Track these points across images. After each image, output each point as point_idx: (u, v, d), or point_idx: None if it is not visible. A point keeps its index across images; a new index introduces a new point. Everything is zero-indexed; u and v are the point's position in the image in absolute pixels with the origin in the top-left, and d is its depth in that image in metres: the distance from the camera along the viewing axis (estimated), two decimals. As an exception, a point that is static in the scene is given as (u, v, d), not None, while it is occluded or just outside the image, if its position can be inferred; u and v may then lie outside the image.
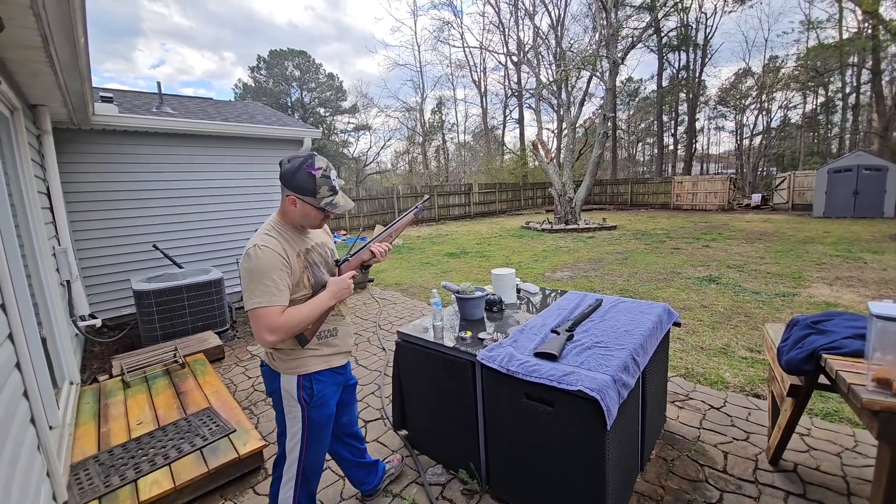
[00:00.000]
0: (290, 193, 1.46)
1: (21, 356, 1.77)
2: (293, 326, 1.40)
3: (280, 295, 1.39)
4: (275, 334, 1.36)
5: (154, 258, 4.93)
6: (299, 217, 1.51)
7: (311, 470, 1.64)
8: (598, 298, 2.50)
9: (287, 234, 1.51)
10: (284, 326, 1.37)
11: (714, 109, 30.60)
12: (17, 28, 1.94)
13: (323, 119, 35.32)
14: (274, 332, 1.36)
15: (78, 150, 4.45)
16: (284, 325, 1.37)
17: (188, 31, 54.10)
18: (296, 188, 1.44)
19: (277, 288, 1.38)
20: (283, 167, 1.47)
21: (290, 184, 1.45)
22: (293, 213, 1.50)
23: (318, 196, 1.45)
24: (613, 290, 5.64)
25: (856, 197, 13.04)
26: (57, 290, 3.13)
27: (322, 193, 1.45)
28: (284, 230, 1.51)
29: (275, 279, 1.38)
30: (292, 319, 1.39)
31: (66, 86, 2.92)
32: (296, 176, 1.44)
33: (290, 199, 1.46)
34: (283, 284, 1.41)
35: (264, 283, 1.37)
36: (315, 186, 1.44)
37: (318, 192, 1.45)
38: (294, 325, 1.40)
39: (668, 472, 2.12)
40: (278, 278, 1.39)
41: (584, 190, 13.96)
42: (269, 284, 1.37)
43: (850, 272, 6.05)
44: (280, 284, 1.40)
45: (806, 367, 1.74)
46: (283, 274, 1.41)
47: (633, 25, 16.35)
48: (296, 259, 1.49)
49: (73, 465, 2.19)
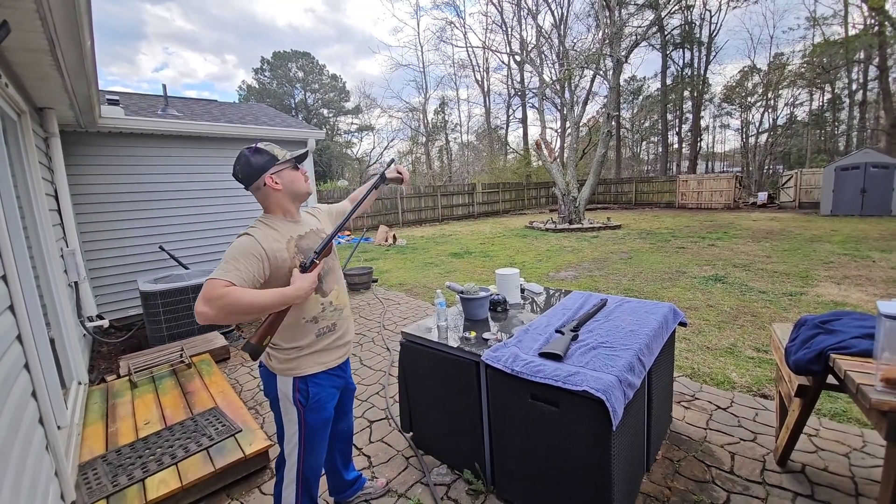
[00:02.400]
0: (264, 176, 1.48)
1: (30, 357, 1.78)
2: (231, 304, 1.24)
3: (234, 273, 1.30)
4: (207, 305, 1.22)
5: (160, 259, 4.97)
6: (287, 192, 1.52)
7: (310, 473, 1.63)
8: (602, 298, 2.49)
9: (276, 224, 1.50)
10: (221, 301, 1.23)
11: (719, 107, 30.40)
12: (23, 32, 1.95)
13: (326, 120, 35.46)
14: (207, 302, 1.22)
15: (85, 152, 4.49)
16: (221, 298, 1.23)
17: (191, 35, 54.65)
18: (261, 168, 1.47)
19: (235, 267, 1.32)
20: (240, 175, 1.50)
21: (256, 171, 1.48)
22: (280, 194, 1.51)
23: (279, 156, 1.50)
24: (618, 289, 5.62)
25: (863, 195, 12.90)
26: (65, 291, 3.16)
27: (279, 153, 1.51)
28: (272, 221, 1.51)
29: (240, 260, 1.34)
30: (233, 297, 1.25)
31: (73, 89, 2.95)
32: (252, 163, 1.47)
33: (268, 180, 1.48)
34: (246, 267, 1.34)
35: (226, 262, 1.33)
36: (270, 153, 1.49)
37: (275, 154, 1.49)
38: (232, 302, 1.24)
39: (674, 473, 2.11)
40: (245, 260, 1.34)
41: (588, 189, 13.91)
42: (229, 262, 1.33)
43: (858, 271, 5.99)
44: (243, 265, 1.33)
45: (814, 367, 1.72)
46: (252, 258, 1.36)
47: (637, 23, 16.26)
48: (286, 245, 1.46)
49: (81, 464, 2.21)
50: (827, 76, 23.21)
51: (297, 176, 1.54)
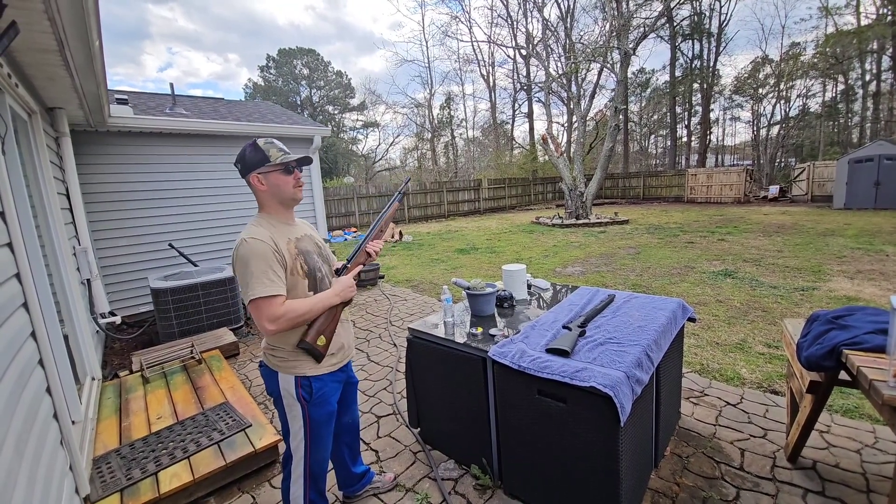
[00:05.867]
0: (250, 174, 1.50)
1: (44, 353, 1.82)
2: (294, 317, 1.41)
3: (275, 284, 1.38)
4: (276, 324, 1.37)
5: (170, 257, 5.03)
6: (272, 194, 1.53)
7: (317, 468, 1.65)
8: (610, 294, 2.48)
9: (273, 224, 1.52)
10: (285, 316, 1.39)
11: (729, 99, 29.93)
12: (32, 32, 1.97)
13: (332, 117, 35.49)
14: (275, 321, 1.37)
15: (95, 151, 4.54)
16: (285, 314, 1.38)
17: (193, 35, 54.93)
18: (251, 166, 1.49)
19: (270, 277, 1.37)
20: (238, 166, 1.52)
21: (247, 167, 1.50)
22: (266, 194, 1.53)
23: (272, 158, 1.49)
24: (626, 285, 5.58)
25: (877, 188, 12.66)
26: (77, 288, 3.21)
27: (274, 155, 1.50)
28: (270, 221, 1.53)
29: (266, 268, 1.38)
30: (294, 311, 1.41)
31: (83, 88, 2.98)
32: (246, 158, 1.49)
33: (254, 179, 1.50)
34: (276, 273, 1.40)
35: (258, 273, 1.36)
36: (265, 154, 1.49)
37: (269, 155, 1.49)
38: (295, 315, 1.41)
39: (683, 469, 2.10)
40: (270, 266, 1.39)
41: (596, 184, 13.81)
42: (262, 274, 1.37)
43: (872, 265, 5.89)
44: (272, 273, 1.39)
45: (826, 362, 1.70)
46: (274, 262, 1.41)
47: (645, 15, 16.03)
48: (286, 246, 1.49)
49: (95, 458, 2.25)
50: (840, 67, 22.75)
51: (286, 181, 1.52)
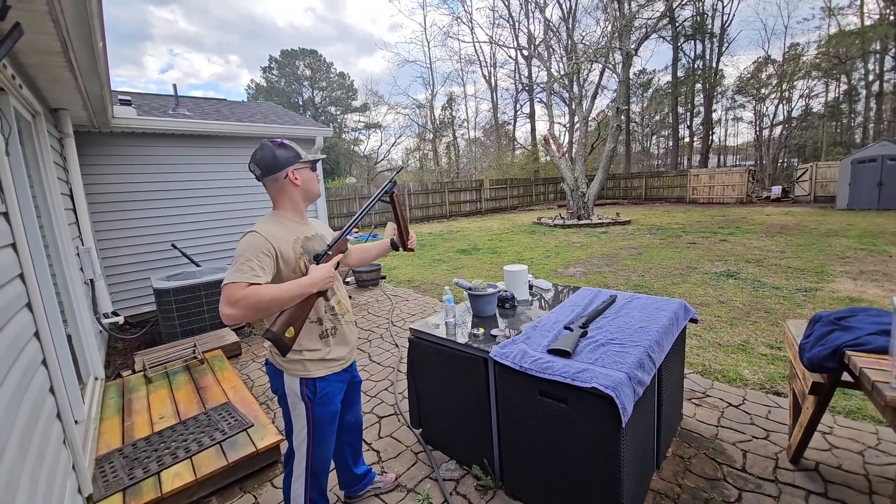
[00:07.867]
0: (287, 169, 1.51)
1: (47, 353, 1.83)
2: (255, 302, 1.28)
3: (251, 273, 1.32)
4: (234, 308, 1.26)
5: (173, 257, 5.05)
6: (303, 190, 1.57)
7: (319, 466, 1.65)
8: (612, 294, 2.47)
9: (286, 222, 1.53)
10: (244, 301, 1.27)
11: (731, 100, 29.84)
12: (36, 34, 1.98)
13: (334, 117, 35.56)
14: (233, 305, 1.26)
15: (99, 152, 4.57)
16: (244, 299, 1.27)
17: (194, 37, 55.25)
18: (286, 162, 1.51)
19: (251, 267, 1.33)
20: (261, 165, 1.50)
21: (282, 163, 1.51)
22: (297, 191, 1.56)
23: (303, 157, 1.55)
24: (628, 286, 5.57)
25: (880, 188, 12.60)
26: (81, 288, 3.22)
27: (303, 153, 1.55)
28: (282, 218, 1.54)
29: (253, 259, 1.35)
30: (256, 296, 1.28)
31: (86, 90, 2.99)
32: (277, 154, 1.50)
33: (291, 175, 1.52)
34: (260, 265, 1.35)
35: (240, 262, 1.34)
36: (296, 151, 1.54)
37: (299, 153, 1.54)
38: (256, 301, 1.28)
39: (684, 471, 2.09)
40: (257, 259, 1.36)
41: (597, 184, 13.79)
42: (244, 263, 1.34)
43: (875, 266, 5.86)
44: (256, 265, 1.34)
45: (829, 364, 1.70)
46: (264, 257, 1.38)
47: (647, 15, 16.00)
48: (293, 244, 1.49)
49: (98, 458, 2.26)
50: (843, 67, 22.66)
51: (313, 177, 1.60)
